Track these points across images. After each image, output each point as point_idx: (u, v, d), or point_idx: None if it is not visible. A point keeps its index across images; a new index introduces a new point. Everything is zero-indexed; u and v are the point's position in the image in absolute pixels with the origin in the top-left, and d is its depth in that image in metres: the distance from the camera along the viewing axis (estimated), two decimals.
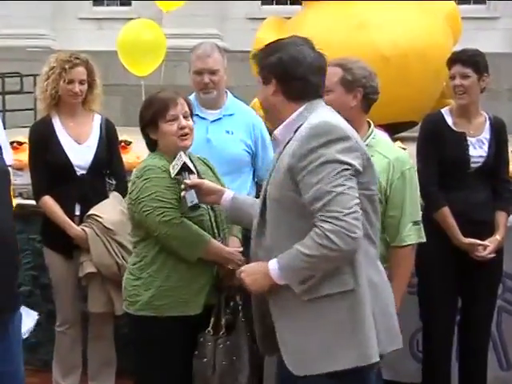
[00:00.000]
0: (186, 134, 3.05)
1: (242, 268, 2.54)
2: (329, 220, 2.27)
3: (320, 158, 2.31)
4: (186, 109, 3.11)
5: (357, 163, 2.36)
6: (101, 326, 3.98)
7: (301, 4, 10.55)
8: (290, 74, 2.45)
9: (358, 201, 2.32)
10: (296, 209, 2.38)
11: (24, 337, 3.22)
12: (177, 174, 2.89)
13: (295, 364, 2.42)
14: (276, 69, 2.46)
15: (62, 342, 3.98)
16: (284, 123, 2.48)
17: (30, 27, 14.12)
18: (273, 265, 2.39)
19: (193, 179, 2.87)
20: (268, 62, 2.48)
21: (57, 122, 3.89)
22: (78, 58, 3.86)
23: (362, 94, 3.10)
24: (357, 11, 8.54)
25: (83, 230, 3.77)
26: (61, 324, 3.97)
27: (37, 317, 3.50)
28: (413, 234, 3.16)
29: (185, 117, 3.08)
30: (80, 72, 3.84)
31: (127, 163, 4.14)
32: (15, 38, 14.03)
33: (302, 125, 2.42)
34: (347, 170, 2.32)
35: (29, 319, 3.38)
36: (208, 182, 2.89)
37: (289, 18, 10.53)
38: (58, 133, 3.86)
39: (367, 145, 3.10)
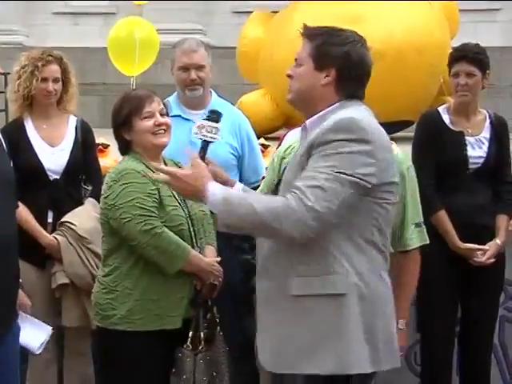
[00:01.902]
0: (164, 132, 3.06)
1: (181, 172, 2.51)
2: (298, 201, 2.31)
3: (331, 150, 2.35)
4: (162, 106, 3.10)
5: (366, 171, 2.36)
6: (77, 341, 3.94)
7: None
8: (353, 73, 2.51)
9: (333, 207, 2.32)
10: None
11: (37, 352, 3.35)
12: (200, 139, 2.73)
13: (273, 361, 2.45)
14: (341, 63, 2.50)
15: (35, 361, 3.93)
16: (319, 114, 2.51)
17: (1, 22, 14.06)
18: (216, 188, 2.42)
19: (208, 163, 2.68)
20: (334, 52, 2.51)
21: (29, 124, 3.87)
22: (51, 56, 3.84)
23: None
24: (350, 5, 8.56)
25: (55, 238, 3.74)
26: None
27: (51, 331, 3.45)
28: (416, 237, 3.16)
29: (161, 114, 3.08)
30: (54, 70, 3.82)
31: (104, 167, 4.10)
32: None
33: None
34: (347, 174, 2.33)
35: (41, 333, 3.39)
36: (220, 171, 2.76)
37: (276, 12, 10.55)
38: (29, 135, 3.84)
39: None
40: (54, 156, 3.82)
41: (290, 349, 2.40)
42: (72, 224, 3.73)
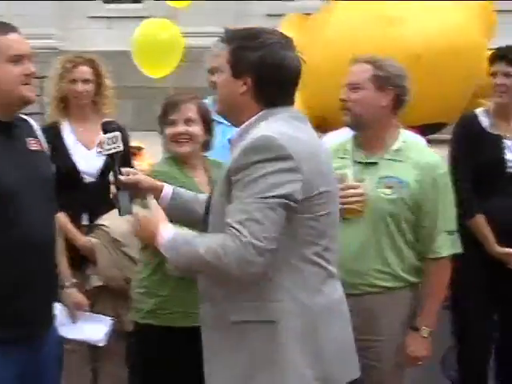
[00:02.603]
0: (185, 141, 3.13)
1: (141, 214, 2.49)
2: (233, 239, 2.20)
3: (250, 175, 2.24)
4: (191, 114, 3.15)
5: (291, 189, 2.25)
6: (110, 343, 3.96)
7: None
8: (271, 78, 2.35)
9: (270, 235, 2.21)
10: None
11: (102, 344, 3.55)
12: (105, 155, 2.65)
13: None
14: (256, 69, 2.35)
15: (70, 361, 3.96)
16: (241, 128, 2.40)
17: (38, 27, 14.22)
18: (168, 230, 2.38)
19: (127, 174, 2.64)
20: (247, 58, 2.36)
21: (65, 127, 3.92)
22: (80, 57, 3.90)
23: (393, 93, 3.06)
24: (388, 7, 8.49)
25: (90, 240, 3.78)
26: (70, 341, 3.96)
27: (110, 321, 3.55)
28: (447, 245, 3.08)
29: (187, 122, 3.13)
30: (83, 71, 3.87)
31: (139, 170, 4.12)
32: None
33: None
34: (274, 196, 2.23)
35: (102, 325, 3.56)
36: (145, 178, 2.71)
37: (310, 14, 10.53)
38: (65, 137, 3.88)
39: (396, 149, 3.08)
40: (89, 159, 3.85)
41: (229, 375, 2.35)
42: (106, 227, 3.76)
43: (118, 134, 2.63)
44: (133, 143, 4.56)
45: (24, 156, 2.66)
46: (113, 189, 2.63)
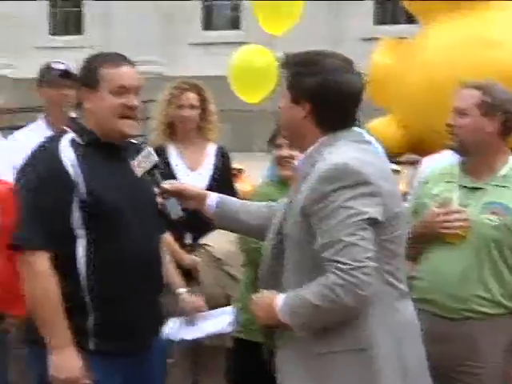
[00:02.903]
0: (286, 164, 3.23)
1: (254, 298, 2.46)
2: (336, 272, 2.19)
3: (332, 203, 2.22)
4: None
5: (374, 210, 2.24)
6: (212, 358, 4.04)
7: (419, 23, 10.47)
8: (330, 103, 2.33)
9: (370, 254, 2.21)
10: (314, 255, 2.29)
11: (230, 329, 3.53)
12: (145, 173, 2.67)
13: None
14: (313, 95, 2.32)
15: (172, 374, 4.06)
16: (306, 154, 2.38)
17: (141, 54, 14.68)
18: (279, 301, 2.32)
19: (170, 182, 2.67)
20: (305, 83, 2.33)
21: (171, 149, 4.03)
22: (187, 84, 4.01)
23: (501, 119, 3.00)
24: (486, 30, 8.36)
25: (194, 259, 3.86)
26: (173, 355, 4.04)
27: (231, 309, 3.55)
28: None
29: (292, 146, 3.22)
30: (190, 97, 3.98)
31: (241, 191, 4.22)
32: None
33: (319, 160, 2.32)
34: (362, 218, 2.21)
35: (225, 316, 3.57)
36: (188, 186, 2.74)
37: (405, 38, 10.47)
38: (171, 160, 4.00)
39: (504, 175, 3.02)
40: (193, 180, 3.90)
41: None
42: (210, 246, 3.84)
43: (149, 149, 2.68)
44: (233, 165, 4.65)
45: (129, 177, 2.70)
46: (159, 199, 2.67)
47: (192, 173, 4.00)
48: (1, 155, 3.93)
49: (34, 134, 3.82)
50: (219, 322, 3.61)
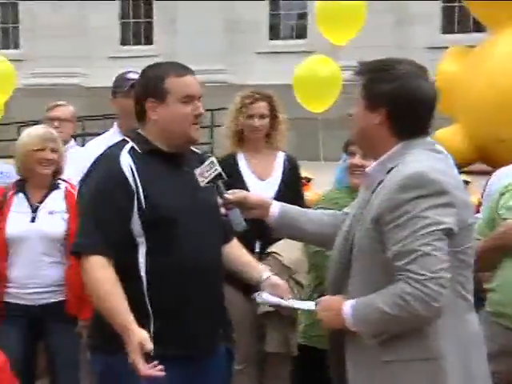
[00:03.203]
0: (357, 172, 3.25)
1: (318, 300, 2.45)
2: (410, 282, 2.17)
3: (409, 212, 2.19)
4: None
5: (450, 221, 2.21)
6: (277, 366, 4.03)
7: (485, 31, 10.30)
8: (405, 109, 2.30)
9: (445, 265, 2.18)
10: (382, 263, 2.26)
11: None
12: (208, 182, 2.64)
13: None
14: (389, 101, 2.30)
15: (240, 381, 4.07)
16: (379, 160, 2.35)
17: (207, 62, 14.82)
18: (347, 309, 2.29)
19: (233, 193, 2.64)
20: (380, 90, 2.31)
21: (241, 158, 4.06)
22: (258, 94, 4.01)
23: None
24: None
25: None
26: (240, 362, 4.06)
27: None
28: None
29: (363, 155, 3.22)
30: (260, 107, 3.98)
31: (307, 200, 4.21)
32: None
33: (394, 167, 2.29)
34: (438, 229, 2.18)
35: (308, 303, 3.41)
36: (251, 195, 2.73)
37: (473, 46, 10.31)
38: (241, 168, 4.02)
39: None
40: (262, 189, 3.92)
41: None
42: (278, 254, 3.83)
43: (212, 159, 2.68)
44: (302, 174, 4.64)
45: (190, 186, 2.69)
46: (222, 210, 2.65)
47: (261, 182, 4.01)
48: (74, 163, 4.02)
49: (108, 142, 3.88)
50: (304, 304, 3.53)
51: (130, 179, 2.63)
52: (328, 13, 9.92)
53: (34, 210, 3.76)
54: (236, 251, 2.98)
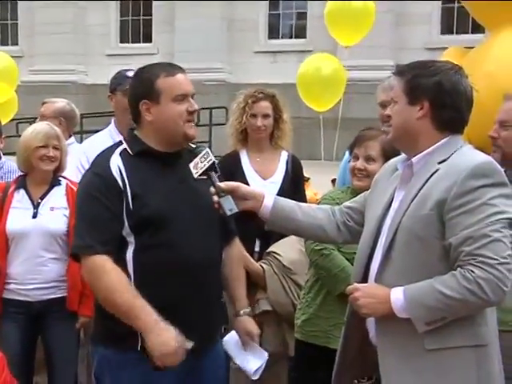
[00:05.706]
0: (360, 175, 3.27)
1: (358, 286, 2.39)
2: (481, 266, 2.19)
3: (480, 198, 2.24)
4: (373, 152, 3.25)
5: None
6: (274, 365, 4.03)
7: (483, 32, 10.30)
8: (447, 101, 2.36)
9: (511, 252, 2.22)
10: (438, 250, 2.28)
11: (254, 378, 3.29)
12: (202, 174, 2.69)
13: None
14: (433, 92, 2.36)
15: (237, 379, 4.08)
16: (425, 152, 2.38)
17: (206, 61, 14.81)
18: (397, 294, 2.28)
19: (227, 182, 2.67)
20: (424, 83, 2.37)
21: (244, 157, 4.07)
22: (262, 93, 4.02)
23: None
24: None
25: (261, 266, 3.86)
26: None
27: (266, 357, 3.35)
28: None
29: (367, 159, 3.26)
30: (263, 106, 3.99)
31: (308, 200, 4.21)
32: (191, 72, 14.77)
33: (448, 158, 2.33)
34: (503, 217, 2.24)
35: (257, 359, 3.33)
36: (244, 185, 2.72)
37: (471, 47, 10.32)
38: (244, 167, 4.03)
39: None
40: (264, 188, 3.89)
41: None
42: (278, 254, 3.84)
43: (207, 149, 2.71)
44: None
45: (183, 185, 2.72)
46: (215, 198, 2.65)
47: (264, 181, 4.01)
48: (73, 159, 4.03)
49: (105, 139, 3.90)
50: (253, 360, 3.33)
51: (119, 180, 2.66)
52: (338, 13, 9.89)
53: (36, 206, 3.77)
54: (232, 267, 2.99)
